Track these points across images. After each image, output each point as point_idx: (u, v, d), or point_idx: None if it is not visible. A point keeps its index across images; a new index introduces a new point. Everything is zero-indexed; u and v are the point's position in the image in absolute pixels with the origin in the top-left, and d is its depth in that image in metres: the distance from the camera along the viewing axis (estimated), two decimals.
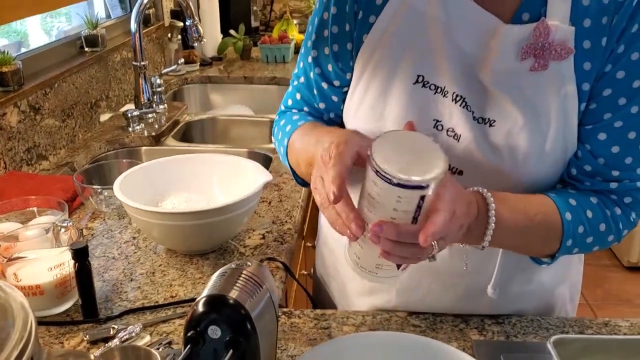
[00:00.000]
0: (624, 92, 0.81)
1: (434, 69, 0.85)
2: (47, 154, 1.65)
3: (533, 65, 0.81)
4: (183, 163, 1.31)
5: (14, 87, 1.50)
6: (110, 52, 2.06)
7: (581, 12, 0.80)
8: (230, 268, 0.71)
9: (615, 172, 0.85)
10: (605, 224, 0.86)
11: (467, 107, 0.84)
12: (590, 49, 0.80)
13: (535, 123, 0.82)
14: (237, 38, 2.87)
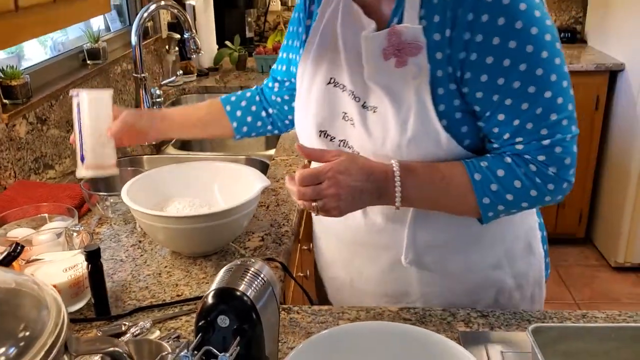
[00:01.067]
0: (499, 73, 0.93)
1: (340, 71, 1.06)
2: (53, 163, 1.72)
3: (395, 63, 0.97)
4: (186, 170, 1.38)
5: (22, 100, 1.57)
6: (111, 65, 2.13)
7: (431, 10, 0.95)
8: (235, 264, 0.78)
9: (519, 139, 0.96)
10: (520, 181, 0.96)
11: (357, 99, 1.04)
12: (440, 40, 0.95)
13: (399, 109, 0.98)
14: (232, 49, 2.95)
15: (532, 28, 0.91)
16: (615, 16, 3.13)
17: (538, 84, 0.93)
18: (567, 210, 3.33)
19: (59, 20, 1.10)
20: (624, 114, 3.01)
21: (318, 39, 1.09)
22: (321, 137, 1.09)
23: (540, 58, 0.92)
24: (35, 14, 1.01)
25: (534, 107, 0.94)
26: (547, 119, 0.94)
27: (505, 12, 0.90)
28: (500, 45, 0.91)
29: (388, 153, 1.00)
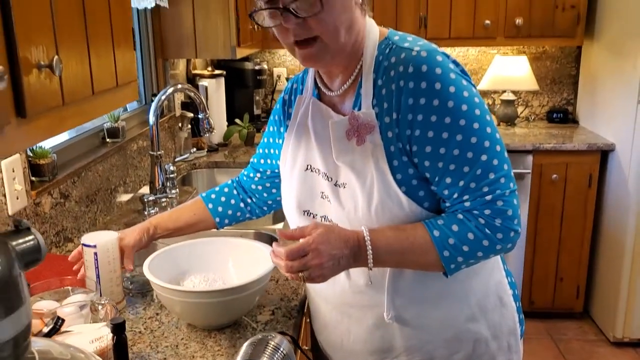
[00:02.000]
0: (440, 144, 1.10)
1: (314, 159, 1.25)
2: (72, 237, 1.81)
3: (357, 142, 1.16)
4: (202, 246, 1.48)
5: (49, 178, 1.68)
6: (128, 142, 2.26)
7: (381, 99, 1.15)
8: (257, 339, 0.87)
9: (466, 197, 1.12)
10: (472, 233, 1.11)
11: (329, 179, 1.22)
12: (389, 122, 1.14)
13: (363, 181, 1.15)
14: (241, 126, 3.10)
15: (462, 105, 1.09)
16: (603, 99, 3.30)
17: (474, 150, 1.10)
18: (564, 285, 3.39)
19: (96, 110, 1.22)
20: (617, 192, 3.12)
21: (294, 134, 1.30)
22: (304, 215, 1.28)
23: (473, 129, 1.10)
24: (78, 106, 1.13)
25: (474, 169, 1.10)
26: (487, 177, 1.10)
27: (438, 95, 1.09)
28: (437, 122, 1.09)
29: (360, 220, 1.17)
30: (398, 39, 1.17)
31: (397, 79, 1.12)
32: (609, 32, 3.23)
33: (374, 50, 1.17)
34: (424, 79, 1.09)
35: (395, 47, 1.15)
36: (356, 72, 1.19)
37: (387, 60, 1.15)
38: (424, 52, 1.11)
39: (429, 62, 1.10)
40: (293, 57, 3.86)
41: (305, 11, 1.08)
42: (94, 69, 1.17)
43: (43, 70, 0.95)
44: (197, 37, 2.61)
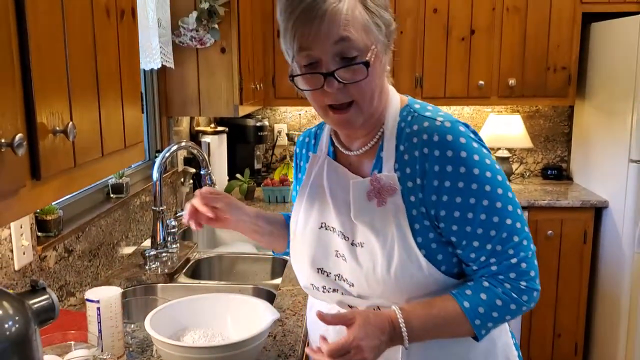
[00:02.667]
0: (468, 209, 1.15)
1: (329, 217, 1.28)
2: (74, 291, 1.85)
3: (377, 203, 1.19)
4: (201, 302, 1.51)
5: (54, 233, 1.73)
6: (131, 198, 2.32)
7: (403, 163, 1.19)
8: None
9: (493, 259, 1.17)
10: (500, 299, 1.15)
11: (346, 238, 1.24)
12: (412, 187, 1.17)
13: (383, 241, 1.18)
14: (242, 181, 3.16)
15: (486, 172, 1.16)
16: (596, 157, 3.38)
17: (500, 214, 1.15)
18: (562, 341, 3.39)
19: (105, 170, 1.28)
20: (611, 248, 3.16)
21: (308, 192, 1.33)
22: (319, 274, 1.29)
23: (497, 194, 1.16)
24: (87, 167, 1.19)
25: (500, 233, 1.15)
26: (511, 240, 1.16)
27: (464, 163, 1.14)
28: (465, 188, 1.14)
29: (378, 280, 1.19)
30: (419, 108, 1.22)
31: (420, 146, 1.16)
32: (599, 93, 3.33)
33: (396, 116, 1.22)
34: (449, 148, 1.14)
35: (417, 115, 1.20)
36: (378, 135, 1.23)
37: (409, 127, 1.19)
38: (448, 123, 1.16)
39: (454, 132, 1.15)
40: (293, 114, 3.91)
41: (350, 78, 1.11)
42: (104, 132, 1.23)
43: (58, 135, 1.00)
44: (201, 96, 2.71)
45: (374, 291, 1.21)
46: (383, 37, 1.15)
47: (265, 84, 3.37)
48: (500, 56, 3.38)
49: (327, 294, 1.29)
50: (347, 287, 1.25)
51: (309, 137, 1.40)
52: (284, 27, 1.13)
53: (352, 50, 1.10)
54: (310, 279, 1.31)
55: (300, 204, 1.35)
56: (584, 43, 3.42)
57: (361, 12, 1.11)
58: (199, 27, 2.56)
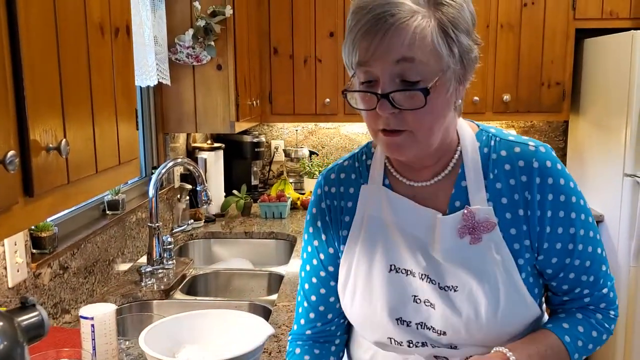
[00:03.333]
0: (569, 240, 1.09)
1: (400, 258, 1.13)
2: (69, 308, 1.84)
3: (470, 240, 1.07)
4: (196, 318, 1.51)
5: (49, 250, 1.73)
6: (127, 214, 2.32)
7: (496, 193, 1.09)
8: None
9: (586, 291, 1.14)
10: (596, 330, 1.13)
11: (432, 282, 1.10)
12: (512, 218, 1.08)
13: (485, 282, 1.07)
14: (239, 197, 3.17)
15: (580, 200, 1.11)
16: (591, 172, 3.39)
17: (593, 244, 1.11)
18: None
19: (99, 187, 1.28)
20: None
21: (366, 230, 1.16)
22: (400, 325, 1.13)
23: (590, 223, 1.12)
24: (82, 184, 1.19)
25: (594, 263, 1.12)
26: (601, 270, 1.13)
27: (564, 191, 1.08)
28: (565, 217, 1.09)
29: (482, 327, 1.08)
30: (496, 132, 1.14)
31: (517, 173, 1.08)
32: (594, 108, 3.35)
33: (474, 141, 1.12)
34: (549, 175, 1.07)
35: (500, 140, 1.11)
36: (453, 163, 1.12)
37: (495, 153, 1.10)
38: (542, 148, 1.10)
39: (551, 158, 1.09)
40: (290, 130, 3.92)
41: (406, 104, 0.99)
42: (98, 149, 1.24)
43: (51, 152, 1.01)
44: (197, 112, 2.72)
45: (473, 338, 1.10)
46: (456, 65, 1.00)
47: (262, 100, 3.39)
48: (494, 72, 3.41)
49: (415, 349, 1.14)
50: (434, 337, 1.12)
51: (346, 171, 1.22)
52: (348, 37, 1.02)
53: (414, 74, 0.97)
54: (388, 332, 1.14)
55: (355, 245, 1.17)
56: (577, 59, 3.44)
57: (435, 33, 0.97)
58: (195, 44, 2.59)
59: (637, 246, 2.95)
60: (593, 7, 3.32)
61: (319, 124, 3.81)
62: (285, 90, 3.43)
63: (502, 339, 1.10)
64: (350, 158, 1.23)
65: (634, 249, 2.96)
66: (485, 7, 3.33)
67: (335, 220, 1.21)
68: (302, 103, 3.43)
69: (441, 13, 0.98)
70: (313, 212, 1.24)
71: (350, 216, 1.19)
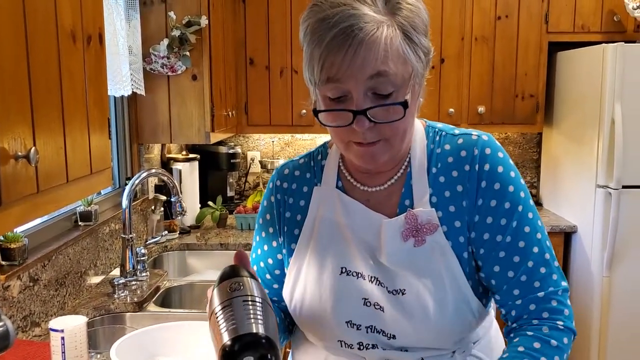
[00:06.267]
0: (497, 230, 1.05)
1: (351, 261, 1.11)
2: (40, 321, 1.80)
3: (414, 243, 1.06)
4: (170, 330, 1.49)
5: (19, 262, 1.69)
6: (100, 225, 2.28)
7: (439, 187, 1.08)
8: (226, 292, 0.88)
9: (516, 291, 1.05)
10: (543, 355, 1.01)
11: (381, 285, 1.08)
12: (455, 211, 1.07)
13: (432, 284, 1.05)
14: (214, 208, 3.14)
15: (520, 192, 1.06)
16: (564, 183, 3.43)
17: (527, 240, 1.04)
18: None
19: (70, 197, 1.26)
20: (581, 272, 3.20)
21: (317, 232, 1.14)
22: (350, 328, 1.10)
23: (527, 217, 1.05)
24: (52, 193, 1.17)
25: (525, 261, 1.04)
26: (538, 272, 1.04)
27: (500, 179, 1.05)
28: (497, 207, 1.05)
29: (430, 330, 1.06)
30: (443, 127, 1.13)
31: (460, 164, 1.07)
32: (567, 120, 3.40)
33: (423, 138, 1.11)
34: (486, 162, 1.06)
35: (445, 134, 1.11)
36: (404, 165, 1.11)
37: (439, 147, 1.10)
38: (485, 137, 1.08)
39: (492, 145, 1.07)
40: (266, 141, 3.89)
41: (383, 117, 0.98)
42: (69, 158, 1.21)
43: (20, 161, 0.99)
44: (172, 123, 2.70)
45: (423, 340, 1.08)
46: (421, 68, 1.01)
47: (238, 111, 3.38)
48: (469, 84, 3.44)
49: (364, 351, 1.11)
50: (385, 341, 1.09)
51: (301, 169, 1.21)
52: (310, 54, 0.99)
53: (388, 86, 0.97)
54: (338, 335, 1.12)
55: (306, 246, 1.15)
56: (550, 71, 3.50)
57: (401, 41, 0.96)
58: (170, 54, 2.57)
59: (609, 256, 2.99)
60: (565, 21, 3.38)
61: (296, 135, 3.80)
62: (261, 101, 3.42)
63: (451, 340, 1.09)
64: (307, 156, 1.22)
65: (607, 259, 3.00)
66: (460, 20, 3.37)
67: (283, 216, 1.19)
68: (279, 114, 3.42)
69: (401, 18, 0.97)
70: (264, 204, 1.24)
71: (302, 215, 1.17)
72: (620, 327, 3.07)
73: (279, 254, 1.22)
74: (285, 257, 1.21)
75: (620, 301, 3.05)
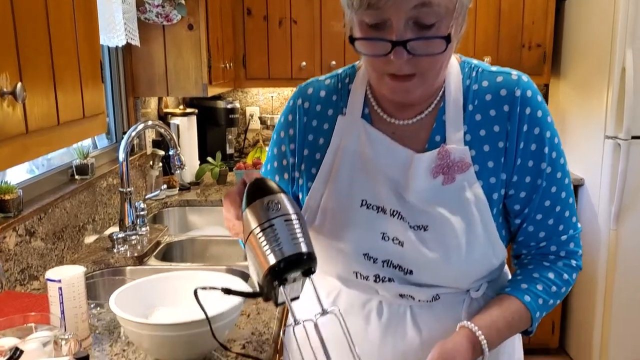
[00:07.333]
0: (537, 174, 1.05)
1: (373, 194, 1.08)
2: (38, 275, 1.76)
3: (443, 180, 1.04)
4: (170, 280, 1.44)
5: (14, 214, 1.64)
6: (98, 179, 2.23)
7: (475, 125, 1.05)
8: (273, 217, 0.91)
9: (542, 234, 1.09)
10: (555, 285, 1.08)
11: (403, 219, 1.06)
12: (490, 151, 1.05)
13: (456, 223, 1.04)
14: (214, 165, 3.08)
15: (555, 138, 1.06)
16: (572, 135, 3.37)
17: (559, 185, 1.07)
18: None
19: (62, 140, 1.20)
20: (588, 226, 3.16)
21: (340, 161, 1.10)
22: (366, 260, 1.09)
23: (560, 163, 1.07)
24: (42, 135, 1.11)
25: (556, 206, 1.07)
26: (563, 215, 1.08)
27: (539, 123, 1.04)
28: (537, 151, 1.05)
29: (451, 266, 1.05)
30: (479, 63, 1.09)
31: (499, 103, 1.04)
32: (575, 70, 3.32)
33: (458, 74, 1.07)
34: (528, 105, 1.03)
35: (482, 71, 1.07)
36: (437, 99, 1.07)
37: (476, 84, 1.06)
38: (525, 77, 1.06)
39: (533, 88, 1.05)
40: (265, 97, 3.81)
41: (423, 50, 0.94)
42: (59, 99, 1.16)
43: (6, 98, 0.94)
44: (168, 75, 2.62)
45: (439, 278, 1.08)
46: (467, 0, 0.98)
47: (236, 64, 3.29)
48: (475, 34, 3.35)
49: (380, 284, 1.10)
50: (401, 275, 1.08)
51: (327, 90, 1.15)
52: None
53: (431, 17, 0.92)
54: (354, 266, 1.11)
55: (327, 173, 1.11)
56: (558, 19, 3.39)
57: None
58: (165, 2, 2.47)
59: (617, 209, 2.94)
60: None
61: None
62: (259, 53, 3.32)
63: (470, 280, 1.09)
64: (333, 77, 1.17)
65: (614, 212, 2.96)
66: None
67: (305, 139, 1.15)
68: (277, 67, 3.33)
69: None
70: (282, 120, 1.19)
71: (325, 139, 1.13)
72: (626, 280, 3.04)
73: (285, 173, 1.19)
74: (301, 181, 1.17)
75: (627, 254, 3.02)
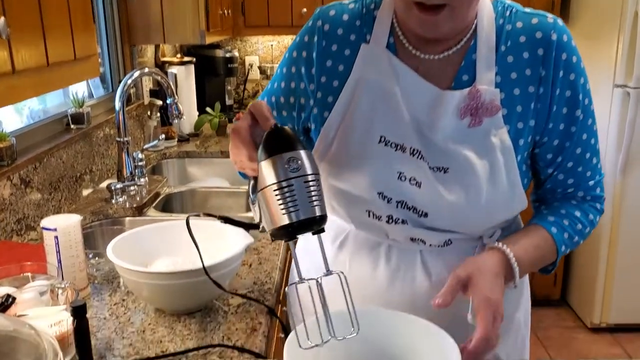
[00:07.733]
0: (571, 121, 1.03)
1: (393, 130, 1.03)
2: (35, 225, 1.73)
3: (470, 122, 1.00)
4: (170, 228, 1.40)
5: (7, 162, 1.59)
6: (94, 129, 2.17)
7: (506, 67, 1.00)
8: None
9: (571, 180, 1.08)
10: (580, 223, 1.08)
11: (423, 159, 1.02)
12: (520, 95, 1.00)
13: (478, 167, 1.00)
14: (213, 115, 3.02)
15: (587, 85, 1.03)
16: None
17: (589, 132, 1.05)
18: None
19: (51, 82, 1.15)
20: None
21: (362, 94, 1.04)
22: (380, 199, 1.04)
23: (591, 110, 1.05)
24: (30, 76, 1.06)
25: (586, 153, 1.06)
26: (591, 162, 1.08)
27: (574, 69, 1.00)
28: (571, 98, 1.01)
29: (470, 210, 1.02)
30: (512, 2, 1.04)
31: (533, 46, 0.99)
32: (584, 17, 3.22)
33: (490, 11, 1.02)
34: (564, 50, 0.99)
35: (517, 12, 1.02)
36: (467, 37, 1.02)
37: (510, 24, 1.00)
38: (560, 22, 1.01)
39: (568, 33, 1.00)
40: (265, 45, 3.72)
41: None
42: (48, 39, 1.10)
43: None
44: (164, 21, 2.53)
45: (454, 223, 1.04)
46: None
47: (234, 11, 3.19)
48: None
49: (392, 225, 1.05)
50: (414, 218, 1.04)
51: (350, 14, 1.07)
52: None
53: None
54: (368, 205, 1.05)
55: (345, 105, 1.05)
56: None
57: None
58: None
59: (624, 160, 2.90)
60: None
61: None
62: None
63: (484, 226, 1.06)
64: (357, 2, 1.09)
65: (621, 163, 2.91)
66: None
67: (323, 64, 1.07)
68: (277, 14, 3.23)
69: None
70: (297, 40, 1.12)
71: (345, 67, 1.06)
72: (631, 232, 3.02)
73: (292, 97, 1.13)
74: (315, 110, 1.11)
75: (632, 206, 2.99)
